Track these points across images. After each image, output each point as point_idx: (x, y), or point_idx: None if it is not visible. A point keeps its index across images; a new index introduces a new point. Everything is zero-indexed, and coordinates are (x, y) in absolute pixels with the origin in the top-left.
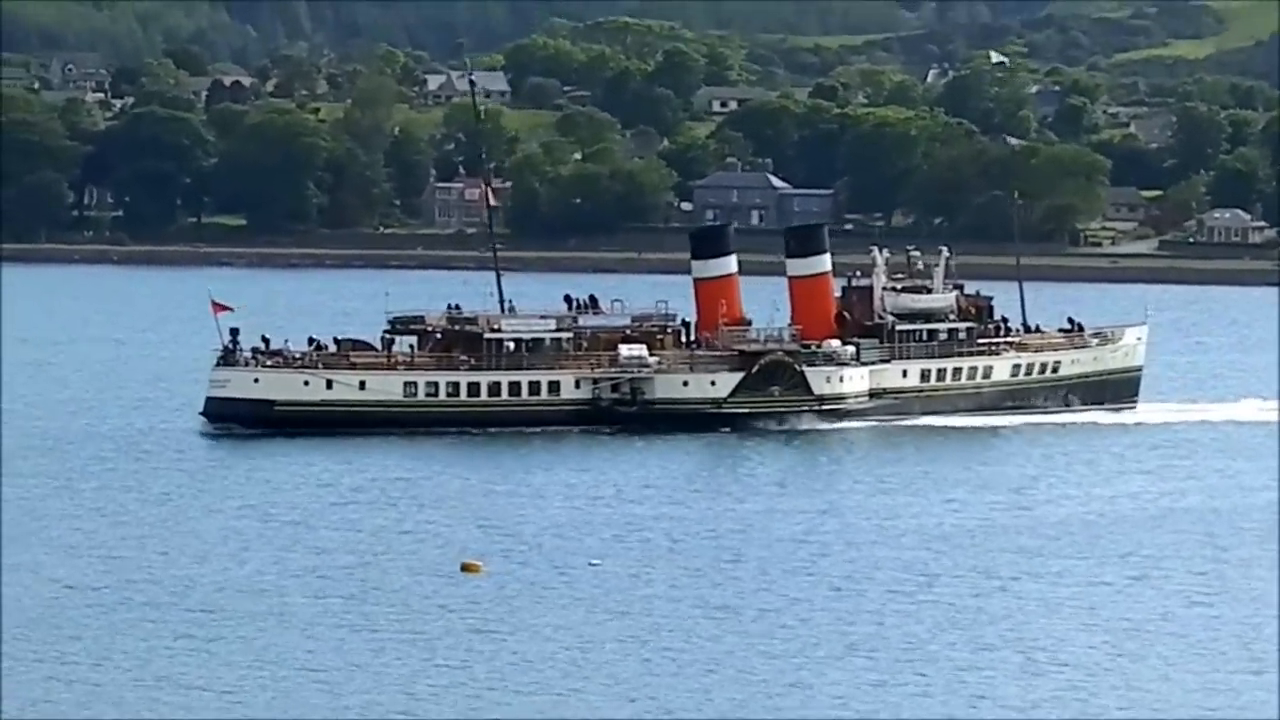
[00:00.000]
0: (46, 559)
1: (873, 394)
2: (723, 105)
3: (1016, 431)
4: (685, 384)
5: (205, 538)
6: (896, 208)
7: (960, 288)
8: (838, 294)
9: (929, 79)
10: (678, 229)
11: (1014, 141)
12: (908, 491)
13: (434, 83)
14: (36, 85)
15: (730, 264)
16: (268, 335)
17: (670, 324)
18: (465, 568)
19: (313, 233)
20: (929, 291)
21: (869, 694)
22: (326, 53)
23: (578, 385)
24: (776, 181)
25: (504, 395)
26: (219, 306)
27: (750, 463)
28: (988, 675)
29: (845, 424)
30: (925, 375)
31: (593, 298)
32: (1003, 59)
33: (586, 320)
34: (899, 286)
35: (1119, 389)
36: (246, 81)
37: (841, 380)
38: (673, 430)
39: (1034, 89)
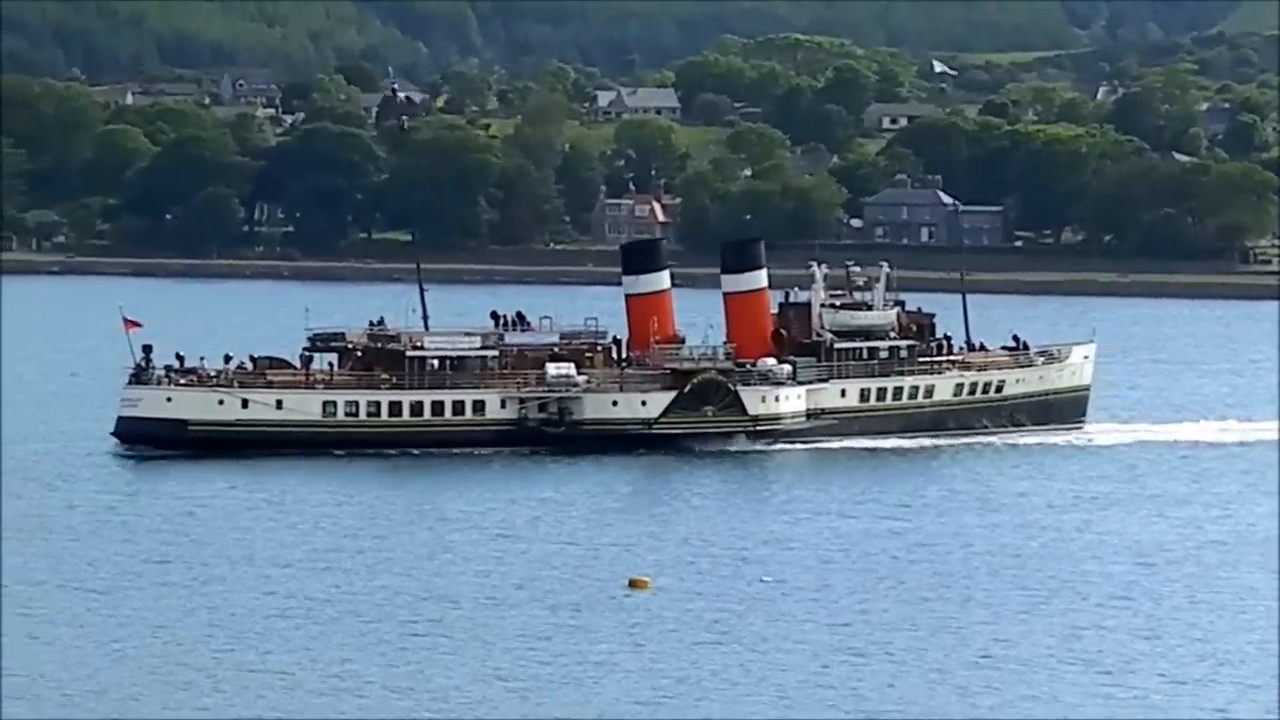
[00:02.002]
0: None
1: (810, 414)
2: (893, 122)
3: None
4: (615, 404)
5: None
6: (1066, 225)
7: (901, 304)
8: (774, 310)
9: (1099, 96)
10: (848, 246)
11: (1183, 159)
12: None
13: (604, 99)
14: (208, 101)
15: (663, 279)
16: (182, 353)
17: (600, 341)
18: (633, 584)
19: (483, 249)
20: (869, 308)
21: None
22: (497, 69)
23: (503, 405)
24: (946, 198)
25: (426, 415)
26: (130, 323)
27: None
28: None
29: (780, 445)
30: (865, 395)
31: (520, 314)
32: (953, 72)
33: (513, 337)
34: (838, 303)
35: (1065, 409)
36: (418, 97)
37: (777, 400)
38: (601, 451)
39: (1204, 106)
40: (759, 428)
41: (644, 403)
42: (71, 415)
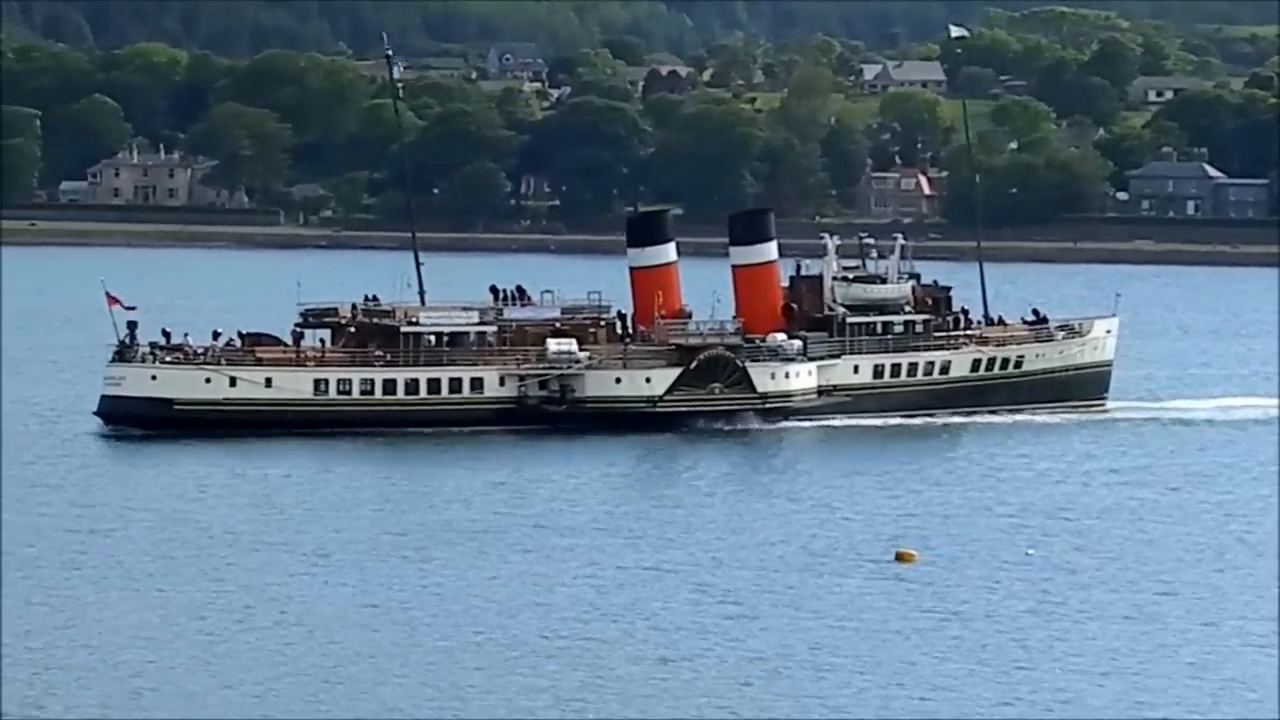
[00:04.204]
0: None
1: (821, 391)
2: (1158, 95)
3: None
4: (618, 381)
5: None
6: None
7: (917, 277)
8: (785, 284)
9: None
10: (1114, 219)
11: None
12: None
13: (869, 72)
14: (474, 75)
15: (668, 252)
16: (168, 329)
17: (604, 316)
18: (900, 557)
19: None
20: (883, 281)
21: None
22: (763, 42)
23: (502, 382)
24: (1212, 171)
25: (422, 393)
26: (113, 300)
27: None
28: None
29: (790, 423)
30: (878, 371)
31: (520, 288)
32: (963, 32)
33: (512, 312)
34: (851, 276)
35: (1086, 386)
36: (683, 71)
37: (787, 377)
38: (604, 431)
39: None
40: (768, 405)
41: (648, 380)
42: None
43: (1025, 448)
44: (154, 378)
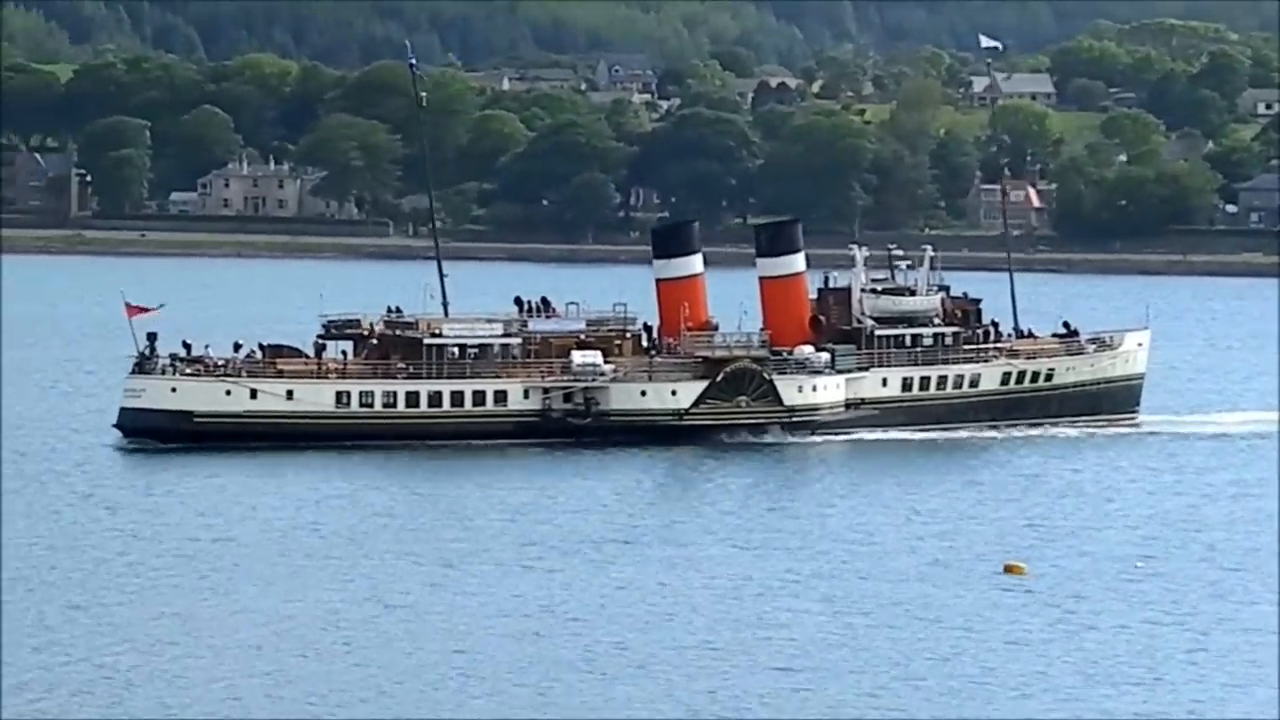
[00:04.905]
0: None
1: (849, 404)
2: (1268, 107)
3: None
4: (643, 394)
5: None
6: None
7: (946, 289)
8: (813, 296)
9: None
10: (1223, 232)
11: None
12: None
13: (979, 84)
14: (583, 86)
15: (695, 263)
16: (188, 340)
17: (629, 328)
18: (1009, 569)
19: (857, 234)
20: (912, 293)
21: None
22: (872, 54)
23: (526, 395)
24: None
25: (445, 406)
26: (134, 309)
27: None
28: None
29: (817, 437)
30: (907, 384)
31: (545, 300)
32: (995, 44)
33: (537, 324)
34: (879, 288)
35: (1118, 399)
36: (792, 83)
37: (815, 390)
38: (630, 444)
39: None
40: (795, 419)
41: (674, 392)
42: None
43: (1102, 459)
44: (174, 390)
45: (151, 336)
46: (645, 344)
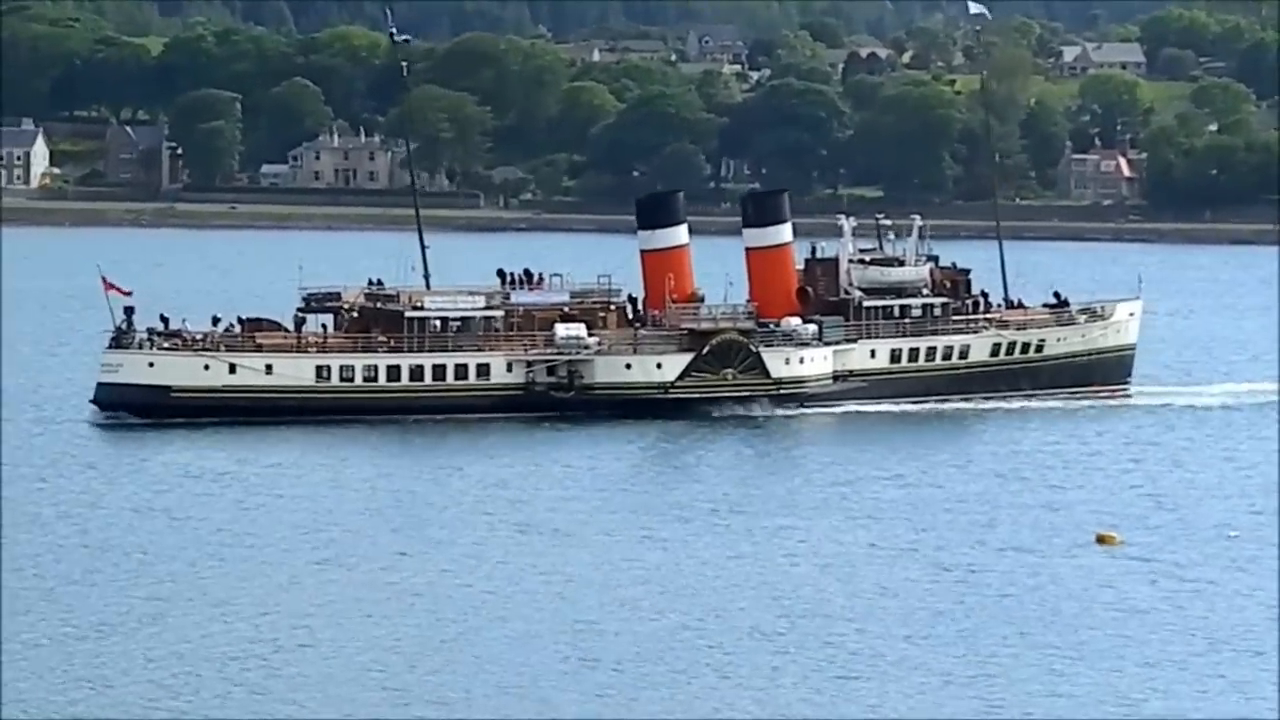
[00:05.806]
0: None
1: (836, 376)
2: None
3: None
4: (628, 366)
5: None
6: None
7: (935, 259)
8: (799, 267)
9: None
10: None
11: None
12: None
13: (1069, 54)
14: (674, 58)
15: (679, 234)
16: (166, 314)
17: (613, 300)
18: (1101, 539)
19: (947, 204)
20: (900, 264)
21: None
22: (962, 24)
23: (509, 369)
24: None
25: (427, 380)
26: (110, 285)
27: None
28: None
29: (805, 410)
30: (895, 356)
31: (528, 271)
32: (981, 9)
33: (520, 297)
34: (867, 259)
35: (1109, 370)
36: (883, 53)
37: (802, 362)
38: (615, 418)
39: None
40: (782, 391)
41: (659, 365)
42: None
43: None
44: (151, 364)
45: (129, 311)
46: (630, 316)
